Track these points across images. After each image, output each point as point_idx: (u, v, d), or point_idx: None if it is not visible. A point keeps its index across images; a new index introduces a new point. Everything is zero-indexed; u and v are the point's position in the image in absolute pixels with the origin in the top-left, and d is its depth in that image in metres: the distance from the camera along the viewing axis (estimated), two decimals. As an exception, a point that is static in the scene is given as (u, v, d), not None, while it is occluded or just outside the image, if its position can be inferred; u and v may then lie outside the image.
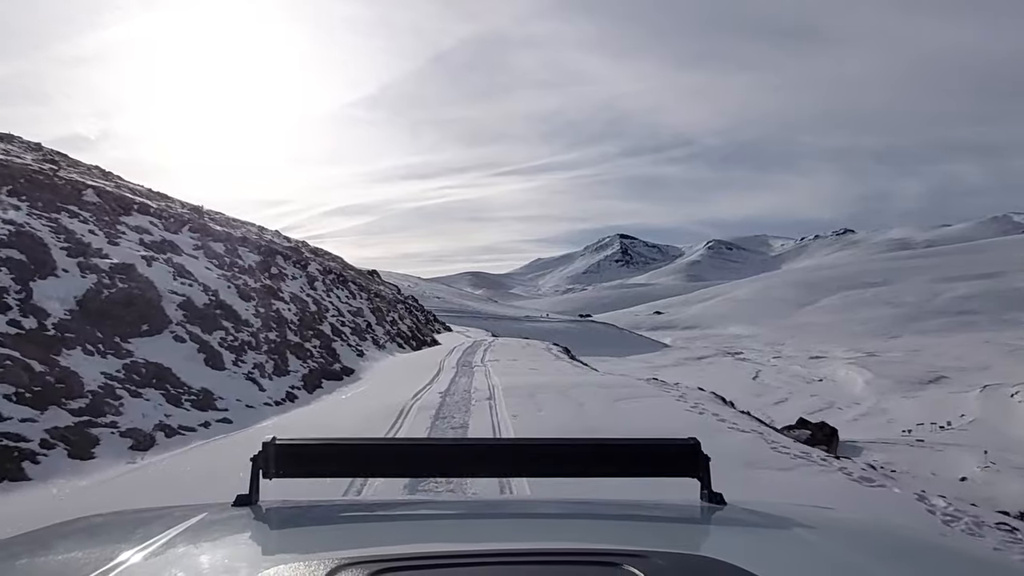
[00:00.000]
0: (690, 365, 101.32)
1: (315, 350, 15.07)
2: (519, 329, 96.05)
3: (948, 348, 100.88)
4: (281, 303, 15.83)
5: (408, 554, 1.04)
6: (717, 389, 59.95)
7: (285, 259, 20.90)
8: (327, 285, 22.30)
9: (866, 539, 1.37)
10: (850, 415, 61.69)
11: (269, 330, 13.82)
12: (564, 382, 13.41)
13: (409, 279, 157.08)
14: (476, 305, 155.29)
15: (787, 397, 71.57)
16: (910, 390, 69.58)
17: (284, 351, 13.55)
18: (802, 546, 1.26)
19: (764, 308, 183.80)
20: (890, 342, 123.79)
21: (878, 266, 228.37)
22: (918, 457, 37.92)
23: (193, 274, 13.39)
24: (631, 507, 1.57)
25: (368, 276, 40.45)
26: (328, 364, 14.94)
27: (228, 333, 12.44)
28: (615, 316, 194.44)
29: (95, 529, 1.39)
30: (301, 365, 13.63)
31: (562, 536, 1.33)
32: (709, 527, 1.42)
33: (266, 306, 14.73)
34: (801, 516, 1.49)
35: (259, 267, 17.39)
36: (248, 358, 12.23)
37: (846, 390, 74.27)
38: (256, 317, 13.77)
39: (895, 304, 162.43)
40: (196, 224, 16.64)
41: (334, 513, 1.53)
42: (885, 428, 54.39)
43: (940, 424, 53.03)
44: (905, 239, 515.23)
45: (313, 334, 15.93)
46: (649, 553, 1.00)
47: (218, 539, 1.26)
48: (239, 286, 14.52)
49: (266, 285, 15.95)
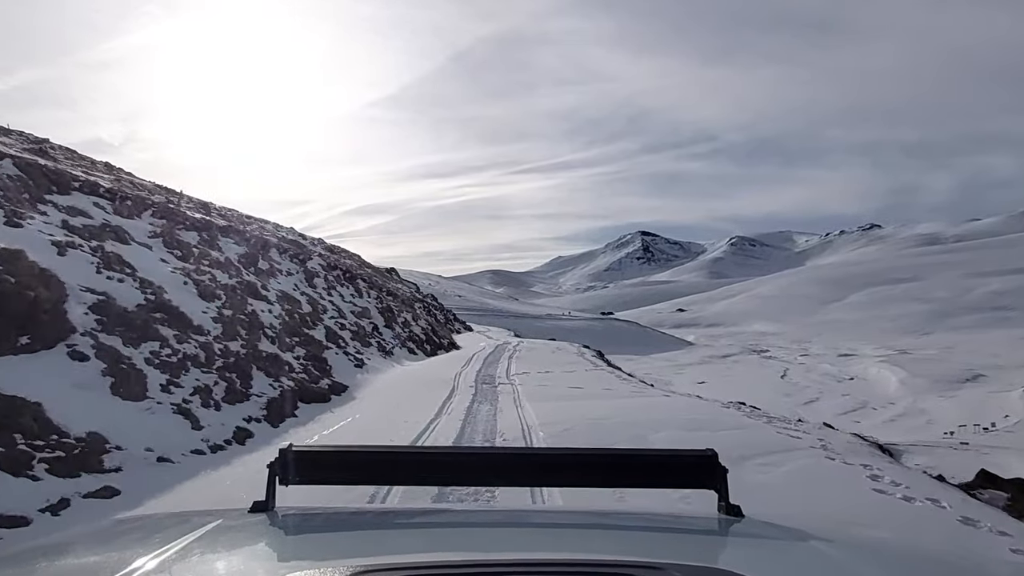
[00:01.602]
0: (716, 363, 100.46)
1: (297, 362, 12.27)
2: (541, 328, 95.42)
3: (983, 345, 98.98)
4: (262, 303, 13.37)
5: (424, 563, 1.06)
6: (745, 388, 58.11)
7: (281, 253, 18.81)
8: (329, 282, 19.95)
9: (886, 555, 1.34)
10: (885, 416, 60.05)
11: (232, 338, 11.00)
12: (628, 414, 9.60)
13: (430, 277, 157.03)
14: (497, 303, 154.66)
15: (818, 396, 70.34)
16: (947, 389, 67.78)
17: (248, 366, 10.61)
18: (821, 560, 1.23)
19: (789, 305, 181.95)
20: (922, 339, 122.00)
21: (907, 262, 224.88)
22: (963, 461, 36.09)
23: (133, 266, 10.58)
24: (647, 518, 1.58)
25: (385, 274, 39.61)
26: (312, 381, 11.96)
27: (165, 345, 9.42)
28: (637, 314, 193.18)
29: (112, 535, 1.41)
30: (271, 384, 10.69)
31: (578, 547, 1.31)
32: (727, 539, 1.40)
33: (237, 307, 12.08)
34: (820, 530, 1.43)
35: (243, 260, 15.04)
36: (188, 379, 9.15)
37: (879, 389, 72.74)
38: (217, 321, 11.00)
39: (925, 300, 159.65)
40: (163, 209, 14.12)
41: (351, 520, 1.53)
42: (925, 430, 52.65)
43: (983, 425, 51.32)
44: (934, 234, 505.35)
45: (299, 341, 13.27)
46: (665, 565, 1.01)
47: (234, 545, 1.26)
48: (202, 282, 11.89)
49: (245, 281, 13.51)
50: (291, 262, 18.70)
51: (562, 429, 8.20)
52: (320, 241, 33.52)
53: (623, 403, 11.33)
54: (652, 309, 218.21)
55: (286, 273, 17.30)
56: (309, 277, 18.64)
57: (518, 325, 70.64)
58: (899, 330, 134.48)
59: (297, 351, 12.67)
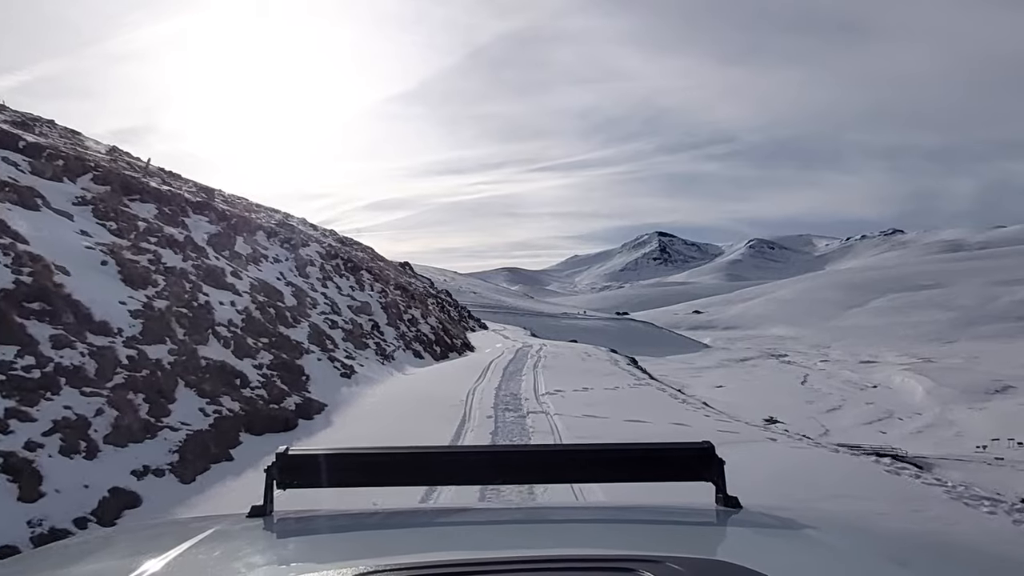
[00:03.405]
0: (733, 367, 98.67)
1: (257, 373, 9.41)
2: (556, 327, 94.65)
3: (1011, 355, 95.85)
4: (224, 293, 10.89)
5: (424, 563, 1.05)
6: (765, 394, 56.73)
7: (270, 237, 16.79)
8: (325, 272, 17.93)
9: (886, 541, 1.35)
10: (912, 426, 58.13)
11: (158, 340, 8.13)
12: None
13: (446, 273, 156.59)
14: (512, 301, 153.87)
15: (840, 404, 68.50)
16: (976, 400, 65.57)
17: (171, 381, 7.69)
18: (819, 549, 1.24)
19: (808, 309, 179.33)
20: (946, 347, 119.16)
21: (930, 268, 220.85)
22: (1000, 478, 34.63)
23: (21, 236, 7.88)
24: (646, 511, 1.57)
25: (398, 268, 38.84)
26: (272, 399, 8.98)
27: (29, 352, 6.43)
28: (653, 315, 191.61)
29: (110, 542, 1.43)
30: (203, 408, 7.69)
31: (577, 542, 1.33)
32: (725, 531, 1.41)
33: (179, 297, 9.46)
34: (818, 519, 1.46)
35: (214, 242, 12.84)
36: (50, 408, 6.07)
37: (904, 398, 70.63)
38: (139, 316, 8.16)
39: (949, 307, 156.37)
40: (111, 175, 11.66)
41: (350, 522, 1.53)
42: (954, 443, 50.85)
43: (1018, 440, 49.56)
44: (958, 240, 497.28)
45: (267, 343, 10.51)
46: (664, 558, 1.01)
47: (233, 550, 1.26)
48: (134, 263, 9.16)
49: (207, 266, 11.21)
50: (281, 247, 16.79)
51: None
52: (332, 232, 32.82)
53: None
54: (668, 310, 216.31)
55: (272, 259, 15.41)
56: (301, 265, 16.76)
57: (533, 323, 69.66)
58: (922, 337, 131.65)
59: (261, 357, 9.92)
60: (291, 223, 23.78)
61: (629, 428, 9.61)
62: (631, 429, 9.45)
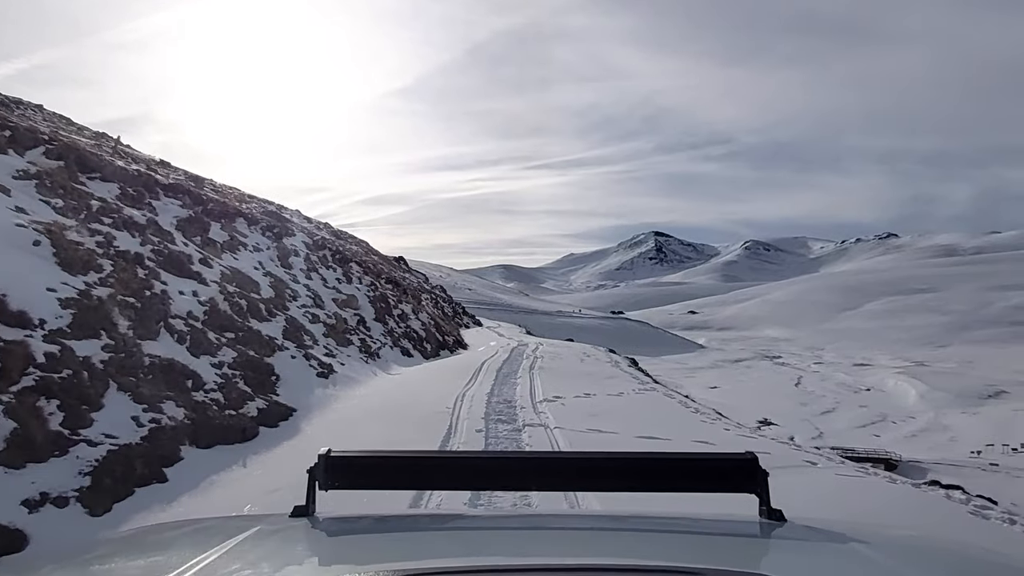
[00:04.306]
0: (727, 368, 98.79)
1: (216, 372, 8.20)
2: (551, 325, 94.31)
3: (1005, 361, 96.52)
4: (187, 282, 9.85)
5: (463, 567, 1.06)
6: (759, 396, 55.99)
7: (251, 224, 15.77)
8: (310, 263, 16.94)
9: (929, 557, 1.32)
10: (906, 430, 58.14)
11: (90, 334, 6.74)
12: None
13: (441, 269, 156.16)
14: (508, 298, 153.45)
15: (834, 407, 68.56)
16: (969, 405, 65.73)
17: (100, 384, 6.29)
18: (864, 564, 1.21)
19: (802, 311, 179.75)
20: (939, 351, 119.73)
21: (924, 272, 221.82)
22: (994, 484, 34.54)
23: None
24: (687, 522, 1.53)
25: (393, 263, 38.34)
26: (230, 404, 7.72)
27: None
28: (648, 314, 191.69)
29: (153, 540, 1.45)
30: (138, 418, 6.29)
31: (616, 551, 1.31)
32: (768, 544, 1.38)
33: (128, 284, 8.14)
34: (863, 533, 1.41)
35: (183, 226, 11.92)
36: None
37: (898, 402, 70.80)
38: (70, 307, 6.80)
39: (943, 312, 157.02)
40: (70, 150, 10.63)
41: (392, 525, 1.54)
42: (948, 447, 50.85)
43: (1012, 446, 49.45)
44: (952, 245, 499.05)
45: (233, 339, 9.36)
46: (705, 570, 1.00)
47: (275, 550, 1.26)
48: (76, 245, 7.88)
49: (169, 251, 10.15)
50: (263, 236, 15.73)
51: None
52: (327, 225, 32.32)
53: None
54: (663, 310, 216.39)
55: (252, 248, 14.31)
56: (283, 255, 15.72)
57: (528, 321, 69.10)
58: (915, 341, 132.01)
59: (223, 354, 8.66)
60: (284, 214, 23.15)
61: (642, 447, 7.87)
62: (645, 448, 7.58)
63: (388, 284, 23.56)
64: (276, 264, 14.86)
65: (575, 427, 8.76)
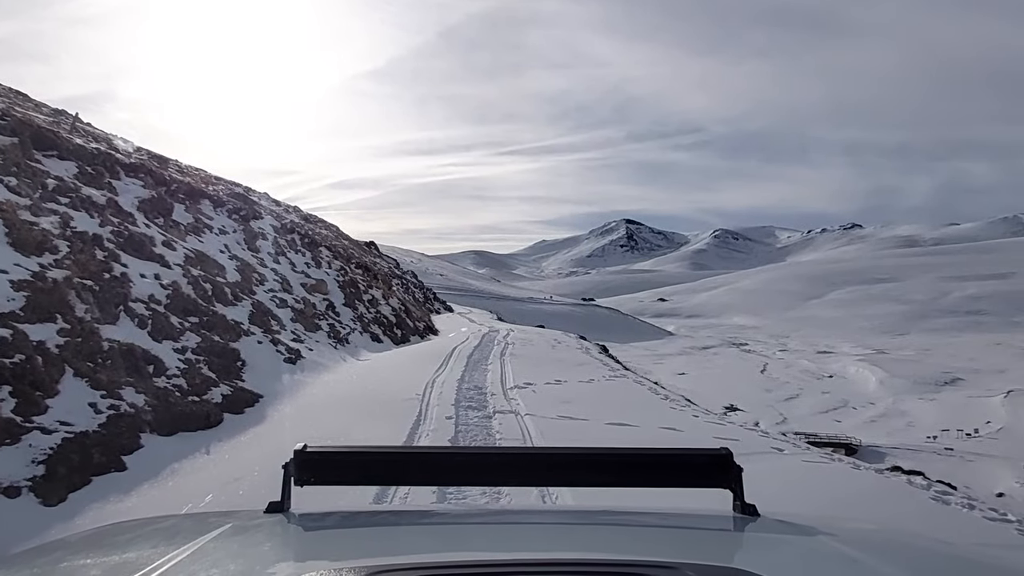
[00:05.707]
0: (695, 355, 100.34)
1: (179, 357, 8.01)
2: (522, 311, 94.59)
3: (960, 348, 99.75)
4: (149, 265, 9.60)
5: (439, 563, 1.06)
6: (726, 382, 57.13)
7: (217, 206, 15.35)
8: (278, 247, 16.60)
9: (903, 552, 1.34)
10: (866, 416, 59.88)
11: (45, 318, 6.52)
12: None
13: (412, 255, 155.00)
14: (479, 284, 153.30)
15: (798, 393, 70.22)
16: (927, 391, 67.88)
17: (55, 370, 6.07)
18: (837, 559, 1.22)
19: (769, 300, 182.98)
20: (898, 339, 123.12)
21: (886, 262, 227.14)
22: (949, 468, 35.94)
23: None
24: (661, 517, 1.52)
25: (363, 247, 37.90)
26: (193, 390, 7.58)
27: None
28: (619, 301, 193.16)
29: (126, 536, 1.40)
30: (95, 405, 6.12)
31: (591, 546, 1.30)
32: (742, 538, 1.39)
33: (85, 267, 7.95)
34: (836, 528, 1.44)
35: (145, 208, 11.51)
36: None
37: (858, 388, 72.77)
38: (23, 289, 6.56)
39: (903, 301, 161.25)
40: (24, 126, 10.13)
41: (366, 520, 1.54)
42: (906, 432, 52.55)
43: (966, 431, 51.26)
44: (913, 236, 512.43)
45: (197, 323, 9.13)
46: (679, 564, 1.00)
47: (250, 545, 1.26)
48: (30, 226, 7.64)
49: (129, 233, 9.88)
50: (229, 218, 15.30)
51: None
52: (296, 209, 31.76)
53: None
54: (633, 297, 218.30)
55: (218, 231, 13.96)
56: (251, 238, 15.36)
57: (500, 307, 69.17)
58: (876, 329, 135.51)
59: (186, 339, 8.47)
60: (252, 197, 22.64)
61: (613, 433, 8.31)
62: (615, 435, 8.24)
63: (358, 269, 23.29)
64: (243, 247, 14.43)
65: (546, 414, 8.75)
